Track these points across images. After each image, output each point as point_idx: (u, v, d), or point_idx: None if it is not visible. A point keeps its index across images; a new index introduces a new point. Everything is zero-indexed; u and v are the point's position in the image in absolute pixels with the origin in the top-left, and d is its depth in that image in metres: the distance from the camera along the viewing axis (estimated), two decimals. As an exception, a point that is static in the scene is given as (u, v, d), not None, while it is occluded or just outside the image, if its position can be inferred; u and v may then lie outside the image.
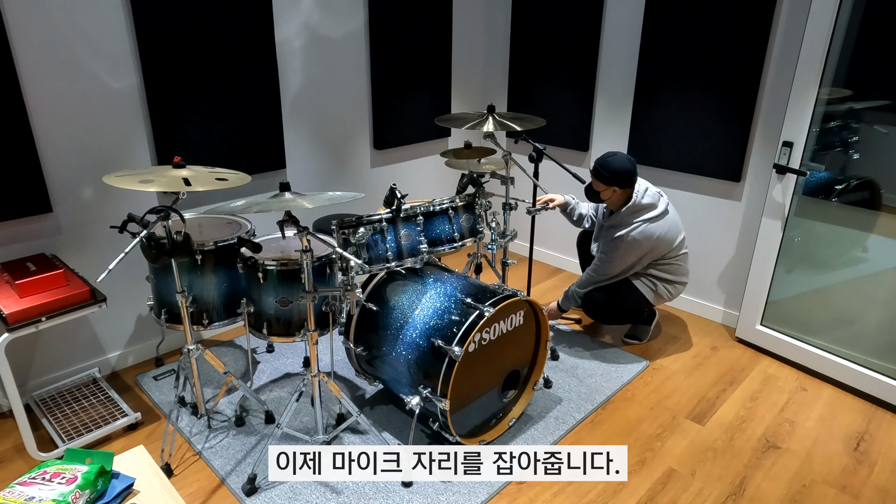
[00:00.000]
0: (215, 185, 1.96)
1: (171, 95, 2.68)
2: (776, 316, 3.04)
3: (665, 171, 3.37)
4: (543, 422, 2.54)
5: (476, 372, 2.23)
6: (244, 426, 2.48)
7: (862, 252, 2.75)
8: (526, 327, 2.42)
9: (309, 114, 3.25)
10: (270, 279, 2.26)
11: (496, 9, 3.93)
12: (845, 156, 2.77)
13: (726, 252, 3.29)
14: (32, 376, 2.63)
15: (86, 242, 2.63)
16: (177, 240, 1.97)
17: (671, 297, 2.98)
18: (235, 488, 2.16)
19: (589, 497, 2.17)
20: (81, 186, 2.56)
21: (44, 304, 2.13)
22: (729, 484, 2.24)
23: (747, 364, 3.01)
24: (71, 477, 1.13)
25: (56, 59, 2.37)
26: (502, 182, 2.63)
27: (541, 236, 4.15)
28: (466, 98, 4.12)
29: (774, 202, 2.89)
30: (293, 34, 3.06)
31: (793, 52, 2.74)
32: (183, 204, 2.02)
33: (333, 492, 2.15)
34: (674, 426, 2.55)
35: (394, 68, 3.54)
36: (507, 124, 2.52)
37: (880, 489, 2.23)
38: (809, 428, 2.56)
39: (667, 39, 3.16)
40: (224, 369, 2.40)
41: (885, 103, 2.58)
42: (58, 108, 2.42)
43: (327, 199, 1.97)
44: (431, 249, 2.31)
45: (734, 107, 3.01)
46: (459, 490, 2.17)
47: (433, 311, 2.27)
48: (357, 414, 2.26)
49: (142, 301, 2.86)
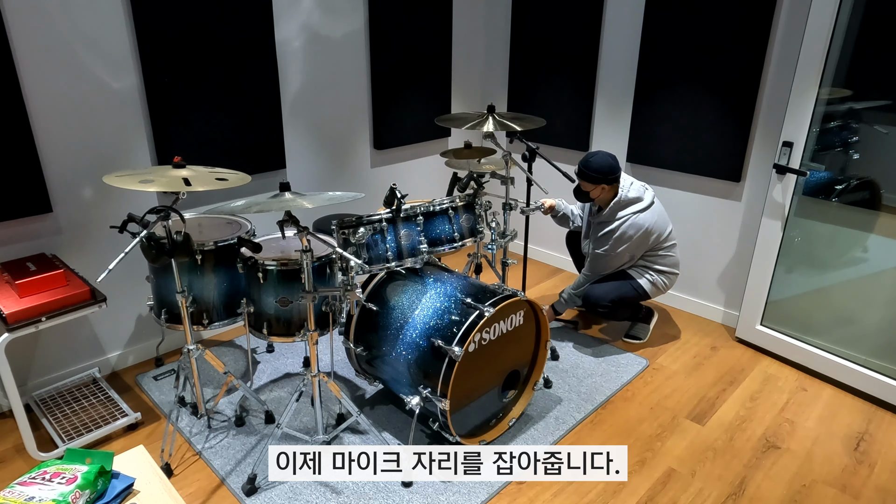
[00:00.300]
0: (215, 185, 1.96)
1: (171, 95, 2.68)
2: (776, 316, 3.04)
3: (665, 171, 3.37)
4: (543, 422, 2.54)
5: (476, 372, 2.23)
6: (244, 426, 2.48)
7: (862, 252, 2.75)
8: (526, 327, 2.42)
9: (309, 114, 3.25)
10: (270, 279, 2.26)
11: (496, 9, 3.93)
12: (845, 156, 2.77)
13: (726, 252, 3.29)
14: (32, 376, 2.63)
15: (86, 242, 2.63)
16: (177, 240, 1.97)
17: (667, 288, 3.02)
18: (235, 488, 2.16)
19: (589, 497, 2.17)
20: (81, 186, 2.56)
21: (44, 304, 2.13)
22: (729, 484, 2.24)
23: (747, 364, 3.01)
24: (71, 477, 1.13)
25: (56, 59, 2.37)
26: (502, 182, 2.63)
27: (540, 236, 4.15)
28: (466, 98, 4.12)
29: (774, 202, 2.89)
30: (293, 34, 3.06)
31: (793, 52, 2.74)
32: (183, 204, 2.02)
33: (333, 492, 2.15)
34: (674, 426, 2.55)
35: (394, 68, 3.55)
36: (507, 124, 2.52)
37: (880, 489, 2.23)
38: (809, 428, 2.56)
39: (667, 39, 3.16)
40: (224, 369, 2.40)
41: (885, 103, 2.58)
42: (58, 108, 2.42)
43: (327, 199, 1.97)
44: (431, 249, 2.31)
45: (734, 107, 3.01)
46: (459, 490, 2.17)
47: (433, 311, 2.27)
48: (357, 414, 2.26)
49: (142, 301, 2.86)
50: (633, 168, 3.50)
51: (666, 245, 2.94)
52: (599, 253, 2.89)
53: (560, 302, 3.10)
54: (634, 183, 2.87)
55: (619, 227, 2.80)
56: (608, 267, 2.92)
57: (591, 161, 2.78)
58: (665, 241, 2.93)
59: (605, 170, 2.75)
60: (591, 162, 2.78)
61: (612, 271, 2.95)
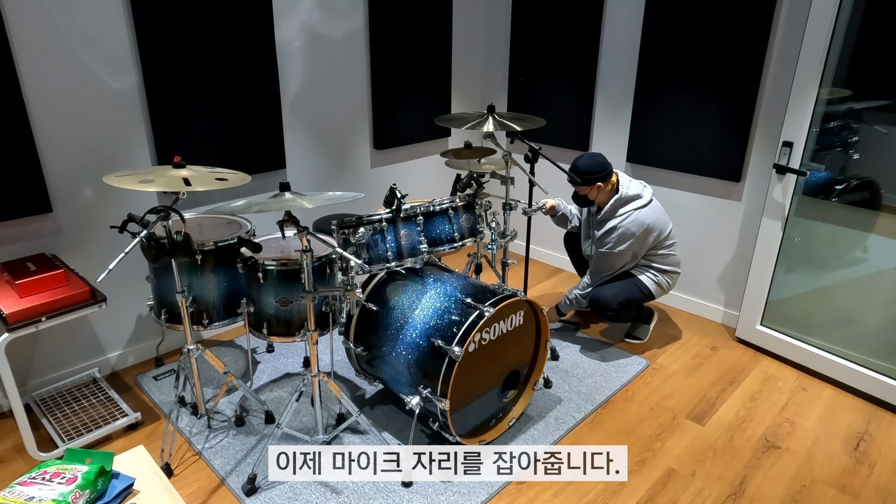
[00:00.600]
0: (215, 185, 1.96)
1: (171, 95, 2.68)
2: (776, 316, 3.04)
3: (665, 171, 3.37)
4: (543, 422, 2.54)
5: (476, 372, 2.23)
6: (244, 426, 2.48)
7: (862, 252, 2.75)
8: (526, 327, 2.42)
9: (309, 114, 3.25)
10: (270, 279, 2.26)
11: (496, 9, 3.93)
12: (845, 156, 2.77)
13: (726, 252, 3.29)
14: (32, 376, 2.63)
15: (86, 242, 2.63)
16: (177, 240, 1.97)
17: (670, 288, 3.03)
18: (235, 488, 2.16)
19: (589, 497, 2.17)
20: (81, 186, 2.56)
21: (44, 304, 2.13)
22: (729, 484, 2.24)
23: (747, 364, 3.01)
24: (71, 477, 1.13)
25: (56, 59, 2.37)
26: (502, 182, 2.63)
27: (540, 236, 4.15)
28: (466, 98, 4.12)
29: (774, 202, 2.89)
30: (293, 34, 3.06)
31: (793, 52, 2.74)
32: (183, 204, 2.02)
33: (333, 492, 2.15)
34: (674, 426, 2.55)
35: (394, 68, 3.55)
36: (507, 124, 2.52)
37: (880, 489, 2.23)
38: (809, 428, 2.56)
39: (667, 39, 3.16)
40: (224, 369, 2.40)
41: (885, 103, 2.58)
42: (58, 108, 2.42)
43: (327, 199, 1.97)
44: (431, 249, 2.31)
45: (734, 107, 3.01)
46: (459, 490, 2.17)
47: (433, 311, 2.27)
48: (357, 414, 2.26)
49: (142, 301, 2.86)
50: (634, 168, 3.50)
51: (667, 244, 2.94)
52: (603, 252, 2.89)
53: (565, 303, 3.10)
54: (633, 181, 2.88)
55: (621, 224, 2.80)
56: (612, 266, 2.92)
57: (579, 165, 2.80)
58: (666, 240, 2.93)
59: (595, 169, 2.77)
60: (578, 166, 2.80)
61: (615, 272, 2.94)
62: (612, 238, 2.83)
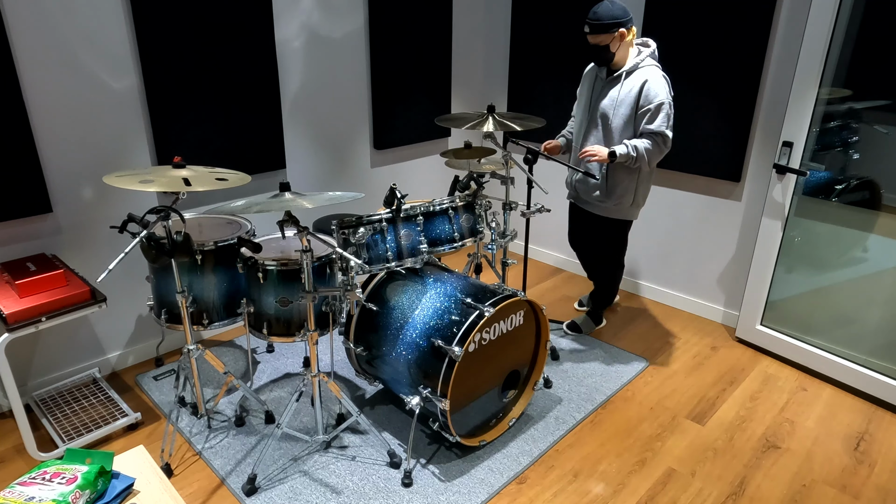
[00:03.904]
0: (215, 185, 1.96)
1: (171, 95, 2.68)
2: (776, 316, 3.04)
3: (665, 171, 3.37)
4: (543, 422, 2.54)
5: (476, 372, 2.24)
6: (244, 426, 2.48)
7: (862, 252, 2.75)
8: (526, 327, 2.42)
9: (309, 114, 3.26)
10: (270, 279, 2.26)
11: (496, 9, 3.93)
12: (845, 156, 2.77)
13: (726, 252, 3.29)
14: (32, 376, 2.63)
15: (86, 242, 2.63)
16: (177, 240, 1.97)
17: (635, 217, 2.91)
18: (235, 488, 2.16)
19: (589, 497, 2.18)
20: (81, 186, 2.56)
21: (44, 304, 2.13)
22: (729, 484, 2.24)
23: (747, 364, 3.01)
24: (71, 477, 1.13)
25: (56, 59, 2.37)
26: (502, 182, 2.63)
27: (541, 236, 4.15)
28: (466, 98, 4.12)
29: (774, 202, 2.89)
30: (293, 34, 3.06)
31: (793, 52, 2.74)
32: (183, 204, 2.03)
33: (333, 492, 2.15)
34: (674, 426, 2.55)
35: (394, 68, 3.55)
36: (507, 124, 2.52)
37: (880, 489, 2.23)
38: (809, 428, 2.56)
39: (667, 39, 3.16)
40: (224, 369, 2.40)
41: (885, 103, 2.58)
42: (58, 109, 2.42)
43: (327, 199, 1.97)
44: (431, 249, 2.31)
45: (734, 107, 3.02)
46: (459, 490, 2.17)
47: (433, 311, 2.27)
48: (357, 414, 2.26)
49: (142, 301, 2.86)
50: (633, 168, 3.50)
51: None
52: (654, 113, 2.53)
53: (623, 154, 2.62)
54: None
55: (653, 70, 2.58)
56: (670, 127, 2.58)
57: (600, 11, 2.52)
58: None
59: (618, 13, 2.51)
60: (599, 13, 2.52)
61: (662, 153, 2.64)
62: (656, 90, 2.56)
